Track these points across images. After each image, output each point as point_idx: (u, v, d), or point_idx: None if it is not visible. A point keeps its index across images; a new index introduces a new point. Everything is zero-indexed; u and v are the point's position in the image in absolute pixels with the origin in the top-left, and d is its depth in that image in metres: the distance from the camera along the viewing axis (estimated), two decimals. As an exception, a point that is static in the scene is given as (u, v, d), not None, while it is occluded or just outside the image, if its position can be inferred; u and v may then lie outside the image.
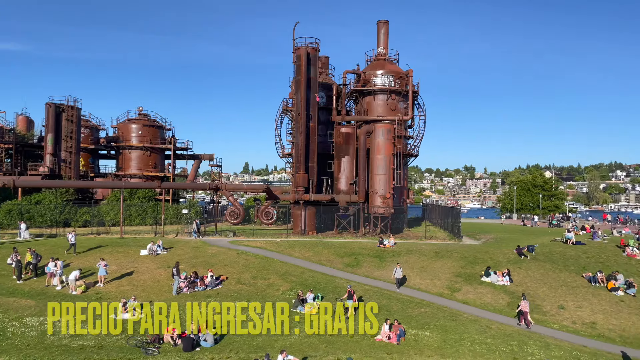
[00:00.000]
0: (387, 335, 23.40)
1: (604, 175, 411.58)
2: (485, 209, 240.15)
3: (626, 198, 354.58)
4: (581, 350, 23.20)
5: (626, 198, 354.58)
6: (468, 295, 31.09)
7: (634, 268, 35.09)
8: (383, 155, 47.82)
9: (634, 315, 27.97)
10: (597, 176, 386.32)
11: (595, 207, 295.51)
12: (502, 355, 21.79)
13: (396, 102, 53.65)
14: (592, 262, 36.12)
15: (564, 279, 32.88)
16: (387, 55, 56.77)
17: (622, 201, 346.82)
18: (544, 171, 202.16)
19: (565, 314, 28.57)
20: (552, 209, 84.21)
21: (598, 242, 42.88)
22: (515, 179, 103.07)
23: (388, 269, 34.91)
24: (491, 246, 41.73)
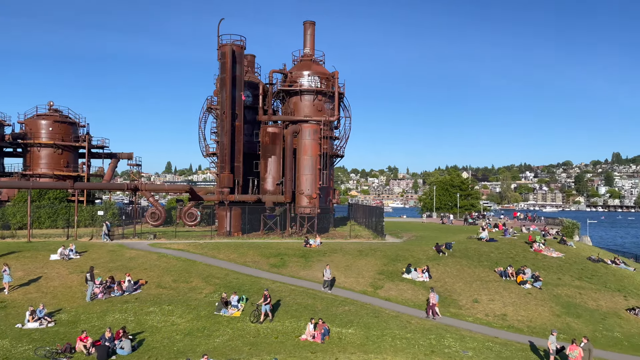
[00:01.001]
0: (312, 335, 23.48)
1: (515, 176, 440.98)
2: (408, 208, 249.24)
3: (534, 197, 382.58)
4: (493, 341, 24.57)
5: (534, 197, 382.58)
6: (390, 292, 31.96)
7: (540, 262, 37.76)
8: (310, 155, 48.06)
9: (540, 307, 30.07)
10: (509, 177, 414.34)
11: (507, 206, 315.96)
12: (421, 349, 22.57)
13: (322, 103, 54.15)
14: (504, 257, 38.45)
15: (478, 274, 34.70)
16: (313, 56, 57.17)
17: (531, 200, 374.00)
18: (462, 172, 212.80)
19: (479, 307, 30.15)
20: (468, 207, 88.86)
21: (509, 239, 45.75)
22: (435, 179, 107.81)
23: (314, 269, 35.12)
24: (412, 244, 43.23)
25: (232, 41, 48.43)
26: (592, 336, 25.70)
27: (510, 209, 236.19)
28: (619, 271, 38.93)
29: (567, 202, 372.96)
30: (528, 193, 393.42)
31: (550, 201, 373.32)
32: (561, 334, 25.78)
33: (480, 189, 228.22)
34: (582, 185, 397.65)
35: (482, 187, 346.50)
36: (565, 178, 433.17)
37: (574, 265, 37.96)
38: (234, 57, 47.47)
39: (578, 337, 23.30)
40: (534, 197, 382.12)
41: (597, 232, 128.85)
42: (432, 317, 27.89)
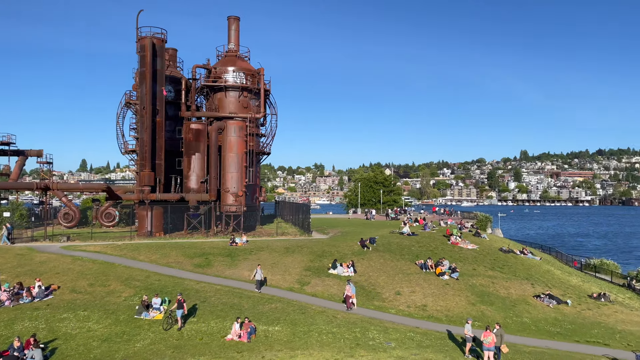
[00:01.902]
0: (238, 334, 23.19)
1: (434, 172, 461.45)
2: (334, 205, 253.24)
3: (451, 192, 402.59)
4: (415, 331, 25.57)
5: (451, 192, 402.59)
6: (316, 287, 32.29)
7: (457, 254, 39.79)
8: (235, 152, 47.36)
9: (457, 297, 31.70)
10: (428, 173, 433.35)
11: (427, 201, 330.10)
12: (346, 343, 23.01)
13: (248, 100, 53.52)
14: (424, 250, 40.12)
15: (400, 267, 35.95)
16: (238, 52, 56.33)
17: (448, 195, 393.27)
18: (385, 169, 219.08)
19: (401, 299, 31.25)
20: (391, 203, 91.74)
21: (428, 233, 47.79)
22: (359, 176, 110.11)
23: (240, 268, 34.70)
24: (338, 240, 43.94)
25: (153, 34, 46.58)
26: (503, 322, 27.49)
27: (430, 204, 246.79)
28: (527, 261, 41.92)
29: (481, 197, 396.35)
30: (446, 189, 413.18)
31: (466, 196, 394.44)
32: (476, 321, 27.32)
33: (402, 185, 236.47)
34: (494, 181, 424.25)
35: (403, 184, 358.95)
36: (479, 174, 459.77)
37: (487, 256, 40.36)
38: (154, 50, 45.65)
39: (491, 323, 24.81)
40: (451, 193, 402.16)
41: (508, 225, 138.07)
42: (351, 308, 28.54)
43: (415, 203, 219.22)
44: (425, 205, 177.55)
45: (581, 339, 26.69)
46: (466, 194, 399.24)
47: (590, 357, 23.21)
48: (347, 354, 21.53)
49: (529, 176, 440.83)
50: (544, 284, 35.77)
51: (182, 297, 24.97)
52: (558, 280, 38.02)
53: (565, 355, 23.15)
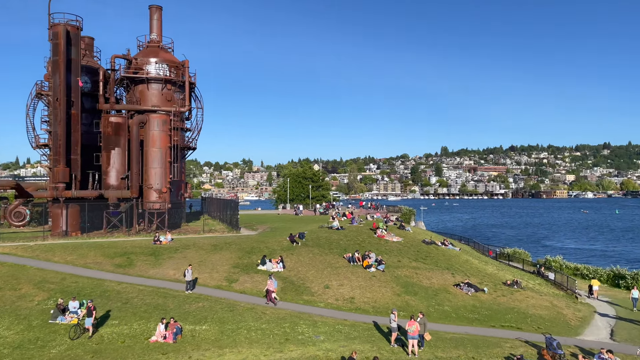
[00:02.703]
0: (163, 335, 22.40)
1: (361, 168, 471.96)
2: (264, 201, 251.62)
3: (377, 187, 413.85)
4: (343, 324, 26.00)
5: (377, 187, 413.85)
6: (245, 284, 31.91)
7: (383, 247, 40.91)
8: (159, 147, 45.63)
9: (383, 288, 32.59)
10: (355, 169, 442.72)
11: (354, 196, 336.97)
12: (276, 338, 22.96)
13: (172, 93, 51.65)
14: (352, 244, 40.87)
15: (329, 261, 36.38)
16: (161, 43, 54.17)
17: (374, 190, 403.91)
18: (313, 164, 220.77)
19: (330, 293, 31.63)
20: (319, 198, 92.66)
21: (356, 227, 48.74)
22: (288, 172, 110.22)
23: (165, 267, 33.56)
24: (267, 236, 43.69)
25: (67, 21, 43.69)
26: (426, 311, 28.64)
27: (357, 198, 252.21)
28: (447, 251, 43.94)
29: (405, 191, 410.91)
30: (372, 183, 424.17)
31: (391, 190, 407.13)
32: (401, 311, 28.24)
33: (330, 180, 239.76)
34: (417, 176, 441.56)
35: (332, 179, 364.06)
36: (403, 169, 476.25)
37: (411, 248, 41.85)
38: (68, 38, 42.82)
39: (415, 313, 25.76)
40: (377, 187, 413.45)
41: (430, 218, 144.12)
42: (271, 304, 28.47)
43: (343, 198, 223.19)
44: (352, 200, 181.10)
45: (497, 324, 28.39)
46: (391, 189, 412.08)
47: (504, 341, 24.73)
48: (277, 350, 21.49)
49: (449, 171, 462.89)
50: (463, 273, 37.66)
51: (92, 304, 23.53)
52: (476, 269, 40.18)
53: (482, 340, 24.52)
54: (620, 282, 44.87)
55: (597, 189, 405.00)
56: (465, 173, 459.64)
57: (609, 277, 46.74)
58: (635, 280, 43.48)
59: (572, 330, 28.28)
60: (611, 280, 46.23)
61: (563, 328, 28.53)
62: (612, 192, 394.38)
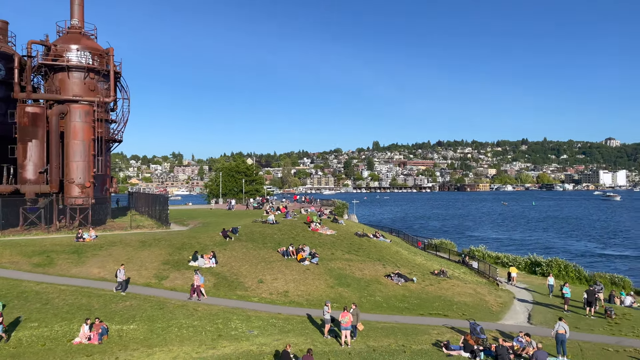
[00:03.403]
0: (87, 336, 21.30)
1: (295, 162, 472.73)
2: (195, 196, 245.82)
3: (311, 181, 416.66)
4: (277, 318, 25.96)
5: (311, 181, 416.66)
6: (176, 281, 31.03)
7: (317, 240, 41.24)
8: (81, 139, 43.20)
9: (317, 281, 32.88)
10: (289, 163, 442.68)
11: (288, 190, 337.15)
12: (208, 335, 22.52)
13: (96, 82, 49.00)
14: (286, 237, 40.87)
15: (263, 256, 36.17)
16: (83, 29, 51.20)
17: (308, 184, 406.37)
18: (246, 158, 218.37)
19: (264, 287, 31.47)
20: (253, 192, 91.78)
21: (290, 220, 48.79)
22: (221, 166, 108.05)
23: (88, 265, 31.93)
24: (199, 231, 42.71)
25: (-25, 0, 40.11)
26: (359, 302, 29.22)
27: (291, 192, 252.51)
28: (379, 243, 45.06)
29: (338, 185, 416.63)
30: (306, 177, 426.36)
31: (325, 184, 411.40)
32: (334, 303, 28.62)
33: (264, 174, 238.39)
34: (350, 170, 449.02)
35: (265, 173, 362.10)
36: (337, 164, 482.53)
37: (344, 241, 42.52)
38: (-23, 19, 39.35)
39: (348, 304, 26.20)
40: (311, 181, 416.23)
41: (362, 211, 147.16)
42: (197, 298, 27.96)
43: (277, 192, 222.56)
44: (287, 194, 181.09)
45: (425, 312, 29.52)
46: (325, 183, 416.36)
47: (432, 328, 25.76)
48: (209, 346, 21.11)
49: (380, 165, 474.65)
50: (394, 264, 38.80)
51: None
52: (405, 260, 41.53)
53: (411, 328, 25.40)
54: (536, 269, 48.12)
55: (516, 182, 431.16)
56: (396, 167, 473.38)
57: (527, 264, 49.97)
58: (549, 267, 46.80)
59: (493, 316, 29.95)
60: (528, 267, 49.46)
61: (485, 314, 30.15)
62: (529, 185, 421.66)
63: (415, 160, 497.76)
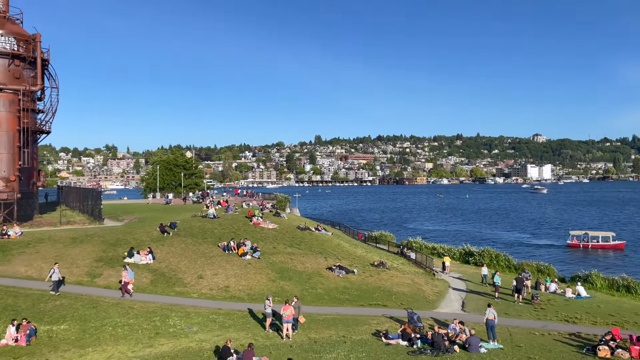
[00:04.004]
0: (14, 338, 20.10)
1: (236, 155, 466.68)
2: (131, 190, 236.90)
3: (253, 175, 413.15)
4: (217, 313, 25.60)
5: (253, 175, 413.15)
6: (110, 279, 29.84)
7: (258, 234, 40.97)
8: (5, 130, 40.49)
9: (259, 275, 32.71)
10: (230, 156, 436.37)
11: (229, 184, 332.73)
12: (145, 333, 21.86)
13: (21, 70, 45.92)
14: (227, 232, 40.31)
15: (202, 251, 35.50)
16: (7, 13, 47.77)
17: (250, 178, 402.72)
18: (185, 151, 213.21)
19: (204, 283, 30.92)
20: (192, 186, 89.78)
21: (231, 215, 48.15)
22: (158, 159, 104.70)
23: (14, 263, 30.07)
24: (134, 226, 41.27)
25: None
26: (301, 295, 29.36)
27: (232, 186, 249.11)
28: (320, 236, 45.42)
29: (281, 178, 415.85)
30: (247, 171, 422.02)
31: (267, 178, 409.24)
32: (276, 296, 28.58)
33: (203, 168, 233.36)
34: (292, 164, 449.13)
35: (205, 166, 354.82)
36: (279, 157, 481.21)
37: (286, 235, 42.51)
38: None
39: (290, 297, 26.27)
40: (253, 175, 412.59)
41: (304, 204, 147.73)
42: (127, 296, 27.10)
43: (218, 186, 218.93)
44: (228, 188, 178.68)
45: (365, 303, 30.13)
46: (267, 176, 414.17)
47: (372, 318, 26.34)
48: (146, 345, 20.51)
49: (322, 159, 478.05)
50: (335, 256, 39.28)
51: None
52: (347, 252, 42.14)
53: (352, 319, 25.85)
54: (470, 259, 50.30)
55: (452, 175, 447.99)
56: (338, 161, 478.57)
57: (461, 254, 52.14)
58: (482, 257, 49.05)
59: (430, 304, 31.05)
60: (462, 257, 51.62)
61: (422, 303, 31.19)
62: (464, 178, 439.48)
63: (356, 154, 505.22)
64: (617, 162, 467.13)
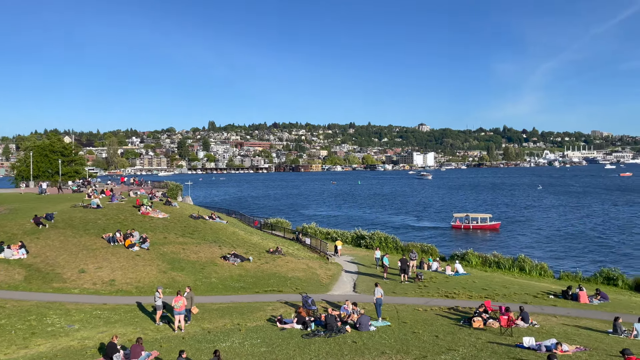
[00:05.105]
0: None
1: (122, 141, 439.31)
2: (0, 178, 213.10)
3: (141, 162, 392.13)
4: (102, 309, 24.02)
5: (141, 162, 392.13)
6: (-26, 278, 26.66)
7: (147, 224, 39.05)
8: None
9: (148, 267, 31.19)
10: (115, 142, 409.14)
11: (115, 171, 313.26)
12: (19, 334, 19.89)
13: None
14: (112, 223, 37.89)
15: (84, 243, 33.05)
16: None
17: (138, 165, 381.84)
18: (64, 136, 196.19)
19: (86, 277, 28.81)
20: (72, 174, 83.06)
21: (117, 204, 45.32)
22: (32, 145, 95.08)
23: None
24: (4, 218, 37.28)
25: None
26: (194, 285, 28.55)
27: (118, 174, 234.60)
28: (215, 225, 44.49)
29: (172, 166, 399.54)
30: (135, 158, 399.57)
31: (157, 165, 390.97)
32: (168, 288, 27.54)
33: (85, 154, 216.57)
34: (184, 151, 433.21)
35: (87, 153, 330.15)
36: (170, 144, 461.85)
37: (178, 224, 41.01)
38: None
39: (182, 288, 25.42)
40: (141, 162, 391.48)
41: (197, 192, 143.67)
42: None
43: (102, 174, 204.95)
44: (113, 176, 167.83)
45: (260, 290, 30.11)
46: (157, 163, 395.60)
47: (267, 304, 26.40)
48: (20, 346, 18.69)
49: (216, 146, 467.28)
50: (230, 244, 38.73)
51: None
52: (242, 240, 41.75)
53: (247, 306, 25.72)
54: (361, 242, 52.46)
55: (345, 163, 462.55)
56: (233, 148, 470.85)
57: (353, 238, 54.18)
58: (372, 239, 51.39)
59: (323, 287, 31.88)
60: (354, 241, 53.68)
61: (316, 286, 31.94)
62: (356, 165, 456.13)
63: (252, 142, 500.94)
64: (490, 150, 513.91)
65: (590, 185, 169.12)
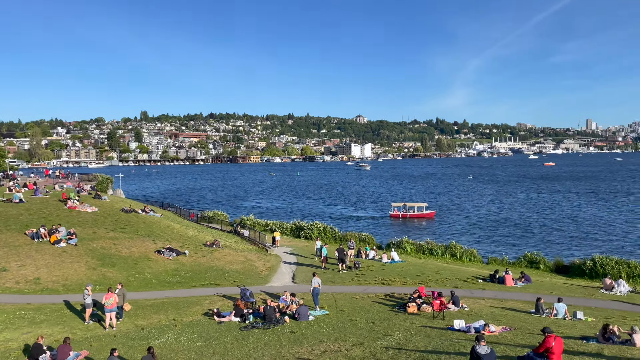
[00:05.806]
0: None
1: (46, 131, 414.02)
2: None
3: (68, 154, 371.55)
4: (26, 309, 22.65)
5: (68, 154, 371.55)
6: None
7: (75, 219, 37.14)
8: None
9: (76, 263, 29.69)
10: (39, 133, 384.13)
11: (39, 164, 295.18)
12: None
13: None
14: (35, 218, 35.73)
15: (5, 240, 30.97)
16: None
17: (64, 157, 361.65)
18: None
19: (8, 276, 27.01)
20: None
21: (41, 198, 42.78)
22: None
23: None
24: None
25: None
26: (126, 281, 27.51)
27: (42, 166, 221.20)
28: (149, 218, 43.03)
29: (101, 157, 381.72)
30: (61, 150, 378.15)
31: (85, 157, 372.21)
32: (98, 285, 26.36)
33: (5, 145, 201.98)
34: (115, 142, 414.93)
35: (7, 144, 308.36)
36: (99, 134, 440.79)
37: (108, 218, 39.31)
38: None
39: (113, 284, 24.42)
40: (68, 154, 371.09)
41: (129, 185, 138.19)
42: None
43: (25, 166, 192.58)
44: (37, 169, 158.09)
45: (197, 284, 29.52)
46: (85, 155, 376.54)
47: (204, 298, 25.95)
48: None
49: (149, 137, 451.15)
50: (165, 238, 37.64)
51: None
52: (177, 233, 40.69)
53: (183, 301, 25.14)
54: (300, 233, 52.64)
55: (284, 154, 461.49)
56: (167, 139, 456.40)
57: (292, 229, 54.25)
58: (311, 230, 51.70)
59: (262, 279, 31.74)
60: (293, 232, 53.77)
61: (255, 278, 31.75)
62: (295, 156, 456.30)
63: (187, 132, 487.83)
64: (424, 142, 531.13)
65: (515, 174, 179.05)
